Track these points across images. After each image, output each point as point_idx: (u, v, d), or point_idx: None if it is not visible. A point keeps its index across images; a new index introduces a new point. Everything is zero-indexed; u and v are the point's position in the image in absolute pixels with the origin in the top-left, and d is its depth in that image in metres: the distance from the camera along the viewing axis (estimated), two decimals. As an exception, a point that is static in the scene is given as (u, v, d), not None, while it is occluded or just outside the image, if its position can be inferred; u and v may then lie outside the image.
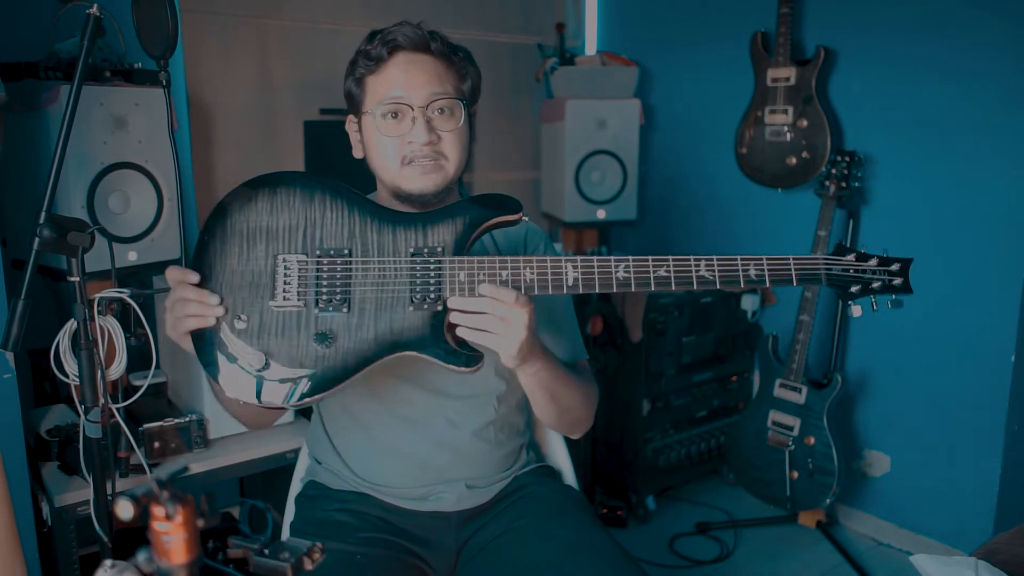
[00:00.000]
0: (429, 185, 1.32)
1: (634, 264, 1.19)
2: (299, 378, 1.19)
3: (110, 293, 1.52)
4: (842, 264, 1.23)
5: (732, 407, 3.05)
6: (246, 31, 2.67)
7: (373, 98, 1.32)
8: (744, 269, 1.19)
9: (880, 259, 1.23)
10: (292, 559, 0.80)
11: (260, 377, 1.19)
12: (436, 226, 1.22)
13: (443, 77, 1.32)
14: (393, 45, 1.31)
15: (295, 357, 1.19)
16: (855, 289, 1.22)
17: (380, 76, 1.32)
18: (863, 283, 1.22)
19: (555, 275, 1.18)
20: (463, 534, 1.43)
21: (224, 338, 1.20)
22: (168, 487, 0.65)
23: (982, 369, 2.42)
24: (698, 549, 2.66)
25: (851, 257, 1.23)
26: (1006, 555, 1.33)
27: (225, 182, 2.67)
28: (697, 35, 3.13)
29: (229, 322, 1.20)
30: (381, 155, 1.33)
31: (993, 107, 2.33)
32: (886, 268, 1.23)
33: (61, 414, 1.97)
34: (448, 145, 1.32)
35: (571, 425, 1.45)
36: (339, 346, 1.19)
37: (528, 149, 3.44)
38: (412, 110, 1.30)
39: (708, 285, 1.20)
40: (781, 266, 1.20)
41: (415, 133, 1.29)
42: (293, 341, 1.20)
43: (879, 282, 1.22)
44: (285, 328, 1.20)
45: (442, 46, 1.33)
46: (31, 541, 1.65)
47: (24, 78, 1.77)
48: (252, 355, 1.19)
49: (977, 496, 2.46)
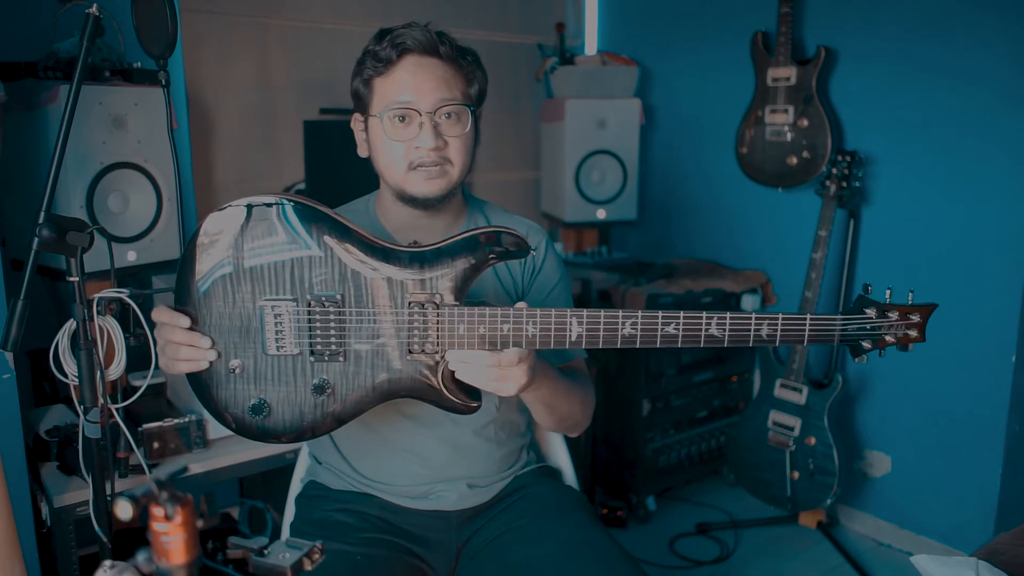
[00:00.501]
0: (434, 190, 1.32)
1: (642, 320, 1.15)
2: (300, 425, 1.20)
3: (109, 293, 1.51)
4: (859, 323, 1.16)
5: (732, 407, 3.04)
6: (246, 31, 2.67)
7: (381, 101, 1.32)
8: (757, 328, 1.15)
9: (901, 311, 1.16)
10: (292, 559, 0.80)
11: (262, 425, 1.21)
12: (434, 268, 1.16)
13: (451, 82, 1.32)
14: (402, 47, 1.30)
15: (294, 404, 1.20)
16: (867, 345, 1.17)
17: (388, 79, 1.31)
18: (875, 338, 1.17)
19: (559, 330, 1.15)
20: (463, 534, 1.43)
21: (219, 381, 1.19)
22: (167, 487, 0.65)
23: (983, 369, 2.42)
24: (698, 549, 2.66)
25: (871, 312, 1.16)
26: (1007, 555, 1.33)
27: (225, 182, 2.67)
28: (697, 34, 3.13)
29: (224, 366, 1.18)
30: (387, 158, 1.33)
31: (994, 107, 2.33)
32: (905, 321, 1.16)
33: (60, 414, 1.97)
34: (454, 150, 1.32)
35: (569, 428, 1.47)
36: (337, 394, 1.19)
37: (528, 149, 3.44)
38: (420, 115, 1.29)
39: (716, 343, 1.15)
40: (795, 325, 1.15)
41: (422, 138, 1.29)
42: (291, 388, 1.19)
43: (892, 336, 1.17)
44: (282, 375, 1.19)
45: (451, 49, 1.33)
46: (30, 542, 1.65)
47: (24, 78, 1.77)
48: (250, 399, 1.19)
49: (978, 496, 2.46)
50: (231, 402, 1.20)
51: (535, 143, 3.39)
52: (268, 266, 1.16)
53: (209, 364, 1.18)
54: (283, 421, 1.21)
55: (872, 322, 1.16)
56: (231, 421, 1.21)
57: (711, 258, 3.17)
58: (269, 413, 1.20)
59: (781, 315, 1.15)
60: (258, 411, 1.19)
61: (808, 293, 2.60)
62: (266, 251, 1.16)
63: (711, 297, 2.86)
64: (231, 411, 1.21)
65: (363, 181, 1.56)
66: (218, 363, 1.19)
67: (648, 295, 2.71)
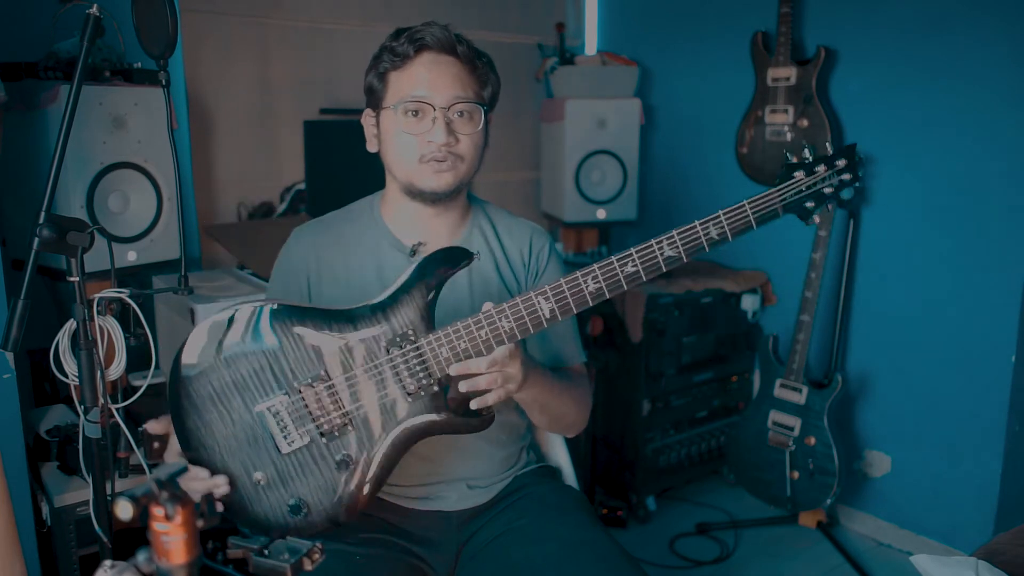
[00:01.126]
0: (443, 184, 1.34)
1: (601, 271, 1.18)
2: (340, 506, 1.20)
3: (110, 293, 1.51)
4: (794, 188, 1.21)
5: (732, 407, 3.04)
6: (246, 31, 2.67)
7: (395, 94, 1.33)
8: (705, 233, 1.18)
9: (826, 161, 1.22)
10: (292, 559, 0.80)
11: (310, 522, 1.20)
12: (397, 308, 1.18)
13: (466, 81, 1.34)
14: (421, 44, 1.32)
15: (327, 489, 1.19)
16: (810, 205, 1.22)
17: (404, 73, 1.33)
18: (816, 196, 1.22)
19: (531, 313, 1.17)
20: (463, 534, 1.43)
21: (252, 499, 1.19)
22: (168, 487, 0.65)
23: (982, 369, 2.42)
24: (698, 549, 2.65)
25: (800, 174, 1.21)
26: (1007, 555, 1.33)
27: (225, 182, 2.67)
28: (698, 34, 3.13)
29: (249, 483, 1.19)
30: (398, 151, 1.34)
31: (994, 106, 2.33)
32: (835, 169, 1.22)
33: (61, 414, 1.97)
34: (464, 148, 1.34)
35: (564, 428, 1.48)
36: (360, 461, 1.19)
37: (528, 149, 3.43)
38: (434, 110, 1.31)
39: (676, 262, 1.19)
40: (739, 216, 1.19)
41: (434, 133, 1.31)
42: (317, 476, 1.19)
43: (830, 187, 1.22)
44: (304, 467, 1.19)
45: (468, 50, 1.35)
46: (31, 541, 1.65)
47: (24, 78, 1.77)
48: (286, 503, 1.19)
49: (978, 496, 2.46)
50: (271, 513, 1.20)
51: (535, 143, 3.39)
52: (248, 373, 1.17)
53: (231, 486, 1.18)
54: (325, 509, 1.20)
55: (804, 182, 1.21)
56: (279, 532, 1.20)
57: (711, 258, 3.17)
58: (309, 508, 1.20)
59: (722, 212, 1.19)
60: (297, 511, 1.19)
61: (808, 293, 2.60)
62: (240, 360, 1.17)
63: (711, 297, 2.86)
64: (274, 521, 1.20)
65: (363, 181, 1.56)
66: (244, 481, 1.19)
67: (648, 295, 2.71)
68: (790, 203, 1.21)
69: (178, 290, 1.68)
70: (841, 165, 1.22)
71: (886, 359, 2.67)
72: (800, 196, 1.21)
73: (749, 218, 1.19)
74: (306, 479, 1.19)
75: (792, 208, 1.21)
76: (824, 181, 1.21)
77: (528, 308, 1.17)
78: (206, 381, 1.17)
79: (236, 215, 2.70)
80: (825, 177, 1.21)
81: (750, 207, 1.19)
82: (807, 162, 1.21)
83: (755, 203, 1.19)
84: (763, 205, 1.19)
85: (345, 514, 1.21)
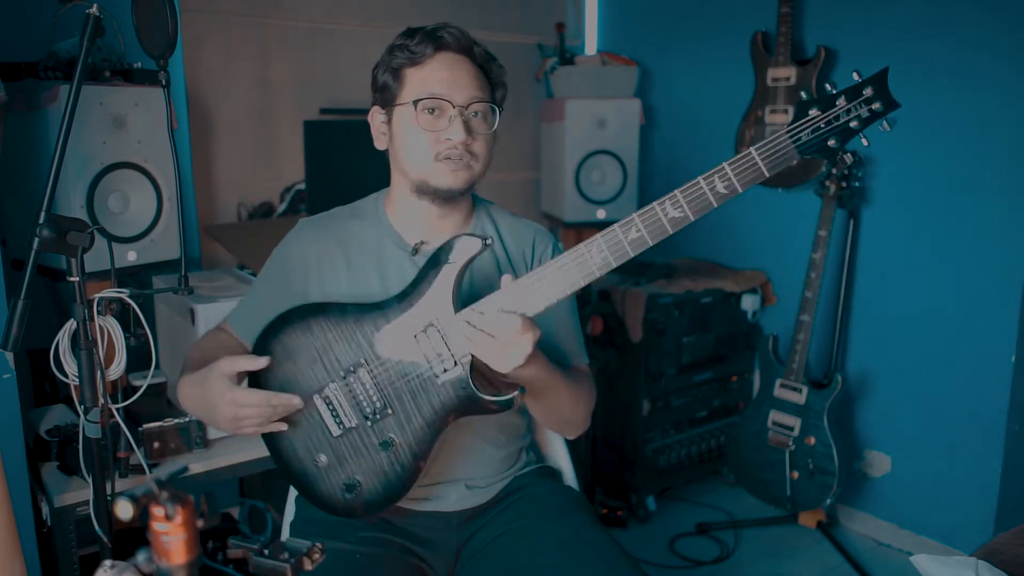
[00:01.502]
0: (458, 182, 1.34)
1: (606, 243, 1.18)
2: (388, 486, 1.31)
3: (110, 293, 1.51)
4: (809, 126, 1.07)
5: (732, 407, 3.04)
6: (246, 31, 2.67)
7: (412, 91, 1.33)
8: (711, 187, 1.12)
9: (848, 93, 1.06)
10: (292, 559, 0.80)
11: (362, 500, 1.31)
12: (421, 297, 1.26)
13: (482, 82, 1.36)
14: (440, 42, 1.33)
15: (376, 469, 1.30)
16: (834, 143, 1.08)
17: (422, 70, 1.33)
18: (840, 131, 1.08)
19: (540, 288, 1.20)
20: (463, 534, 1.43)
21: (316, 478, 1.33)
22: (168, 487, 0.65)
23: (982, 369, 2.42)
24: (698, 549, 2.66)
25: (815, 111, 1.06)
26: (1007, 555, 1.33)
27: (225, 182, 2.67)
28: (697, 34, 3.13)
29: (313, 464, 1.32)
30: (413, 148, 1.34)
31: (993, 106, 2.33)
32: (860, 99, 1.06)
33: (61, 414, 1.97)
34: (480, 147, 1.35)
35: (561, 425, 1.48)
36: (401, 445, 1.29)
37: (528, 149, 3.44)
38: (453, 108, 1.31)
39: (683, 223, 1.14)
40: (747, 165, 1.09)
41: (453, 131, 1.31)
42: (366, 457, 1.30)
43: (856, 120, 1.08)
44: (355, 449, 1.30)
45: (483, 53, 1.38)
46: (31, 541, 1.65)
47: (24, 78, 1.77)
48: (342, 482, 1.32)
49: (977, 496, 2.46)
50: (332, 493, 1.32)
51: (535, 143, 3.39)
52: (303, 364, 1.30)
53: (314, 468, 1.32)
54: (375, 489, 1.31)
55: (821, 118, 1.07)
56: (341, 509, 1.33)
57: (711, 258, 3.17)
58: (360, 487, 1.31)
59: (726, 164, 1.11)
60: (351, 489, 1.31)
61: (808, 293, 2.60)
62: (299, 355, 1.31)
63: (711, 297, 2.86)
64: (336, 500, 1.32)
65: (363, 181, 1.56)
66: (309, 464, 1.32)
67: (648, 295, 2.71)
68: (806, 144, 1.07)
69: (178, 290, 1.68)
70: (868, 94, 1.06)
71: (886, 359, 2.67)
72: (819, 134, 1.07)
73: (758, 165, 1.08)
74: (358, 460, 1.30)
75: (810, 149, 1.07)
76: (849, 113, 1.06)
77: (538, 283, 1.19)
78: (274, 375, 1.32)
79: (236, 215, 2.70)
80: (849, 109, 1.06)
81: (757, 152, 1.08)
82: (827, 95, 1.06)
83: (763, 148, 1.07)
84: (772, 149, 1.07)
85: (393, 495, 1.30)
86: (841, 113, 1.06)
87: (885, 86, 1.06)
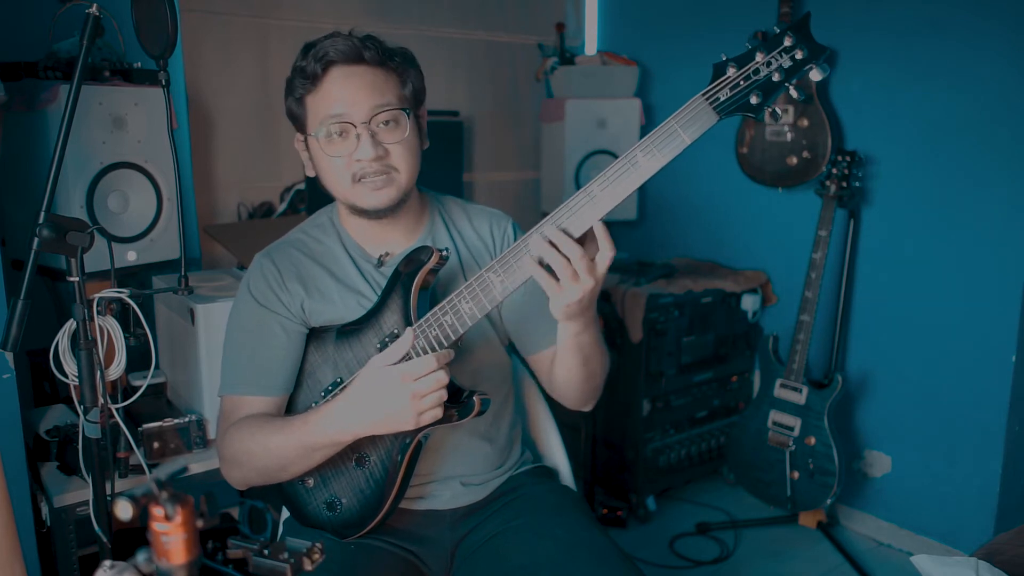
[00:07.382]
0: (383, 200, 1.30)
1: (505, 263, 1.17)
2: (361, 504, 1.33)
3: (109, 293, 1.51)
4: (727, 84, 1.03)
5: (732, 407, 3.04)
6: (246, 31, 2.67)
7: (315, 118, 1.29)
8: (634, 163, 1.10)
9: (765, 45, 1.01)
10: (292, 559, 0.80)
11: (340, 516, 1.35)
12: (384, 311, 1.28)
13: (382, 87, 1.28)
14: (326, 60, 1.26)
15: (352, 487, 1.32)
16: (756, 100, 1.04)
17: (318, 94, 1.28)
18: (763, 85, 1.03)
19: (485, 291, 1.17)
20: (458, 532, 1.43)
21: (304, 498, 1.37)
22: (167, 487, 0.65)
23: (982, 369, 2.42)
24: (698, 549, 2.65)
25: (732, 71, 1.03)
26: (1007, 555, 1.33)
27: (225, 182, 2.67)
28: (697, 34, 3.12)
29: (302, 483, 1.36)
30: (331, 175, 1.31)
31: (993, 106, 2.33)
32: (779, 48, 1.00)
33: (60, 414, 1.97)
34: (397, 157, 1.29)
35: (590, 392, 1.44)
36: (375, 460, 1.30)
37: (528, 149, 3.43)
38: (355, 127, 1.26)
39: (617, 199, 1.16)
40: (668, 139, 1.06)
41: (361, 150, 1.26)
42: (345, 475, 1.33)
43: (778, 71, 1.02)
44: (335, 468, 1.34)
45: (376, 54, 1.28)
46: (30, 542, 1.65)
47: (23, 78, 1.77)
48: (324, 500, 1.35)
49: (978, 496, 2.46)
50: (319, 512, 1.37)
51: (535, 143, 3.39)
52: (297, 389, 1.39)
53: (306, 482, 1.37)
54: (352, 507, 1.33)
55: (739, 75, 1.03)
56: (328, 527, 1.36)
57: (711, 258, 3.17)
58: (342, 505, 1.33)
59: (647, 137, 1.08)
60: (331, 507, 1.34)
61: (808, 293, 2.60)
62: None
63: (711, 297, 2.86)
64: (323, 519, 1.36)
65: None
66: (298, 486, 1.37)
67: (648, 295, 2.71)
68: (725, 103, 1.04)
69: (178, 290, 1.68)
70: (788, 43, 1.01)
71: (886, 359, 2.67)
72: (738, 91, 1.03)
73: (678, 133, 1.05)
74: (338, 479, 1.32)
75: (731, 108, 1.04)
76: (769, 66, 1.01)
77: (482, 287, 1.17)
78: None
79: (236, 215, 2.70)
80: (769, 61, 1.01)
81: (676, 120, 1.05)
82: (744, 55, 1.03)
83: (680, 115, 1.05)
84: (688, 114, 1.04)
85: (372, 510, 1.31)
86: (760, 67, 1.02)
87: (807, 32, 1.00)
